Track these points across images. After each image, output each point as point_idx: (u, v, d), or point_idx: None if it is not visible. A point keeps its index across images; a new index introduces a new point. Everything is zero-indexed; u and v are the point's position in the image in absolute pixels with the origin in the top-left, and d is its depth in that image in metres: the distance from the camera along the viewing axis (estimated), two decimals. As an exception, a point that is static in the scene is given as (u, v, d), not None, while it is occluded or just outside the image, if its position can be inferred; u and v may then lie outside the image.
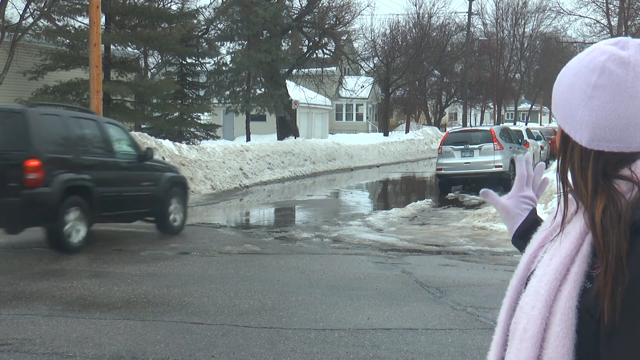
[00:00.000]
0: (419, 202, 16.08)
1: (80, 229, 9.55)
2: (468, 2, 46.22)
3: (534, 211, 1.64)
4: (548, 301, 1.20)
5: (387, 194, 21.62)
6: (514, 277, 1.33)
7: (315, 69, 37.37)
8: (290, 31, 32.90)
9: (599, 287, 1.14)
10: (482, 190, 1.77)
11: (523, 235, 1.53)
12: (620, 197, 1.16)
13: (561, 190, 1.27)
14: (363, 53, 46.95)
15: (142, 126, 26.81)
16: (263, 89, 29.77)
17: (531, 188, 1.69)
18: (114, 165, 10.58)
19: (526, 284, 1.28)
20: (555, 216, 1.30)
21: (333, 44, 35.69)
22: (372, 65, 48.36)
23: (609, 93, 1.17)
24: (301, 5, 34.51)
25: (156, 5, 28.80)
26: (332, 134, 47.15)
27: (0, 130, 9.35)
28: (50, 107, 11.22)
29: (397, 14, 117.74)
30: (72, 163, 9.63)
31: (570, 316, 1.18)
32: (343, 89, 46.41)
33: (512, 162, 19.58)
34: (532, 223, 1.56)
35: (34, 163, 9.07)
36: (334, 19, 35.86)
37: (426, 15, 51.67)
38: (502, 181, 18.23)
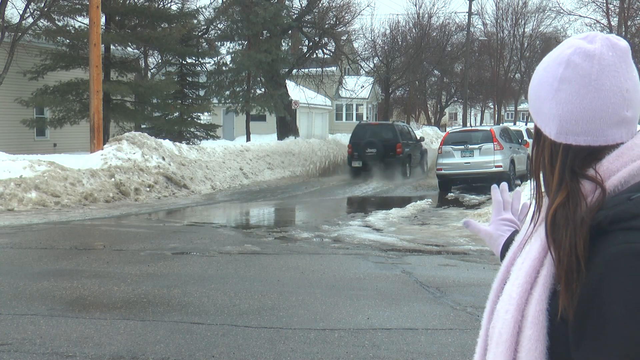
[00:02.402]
0: (419, 202, 16.08)
1: (409, 170, 24.38)
2: (468, 2, 46.23)
3: (517, 232, 1.65)
4: (520, 305, 1.19)
5: (387, 194, 21.60)
6: (495, 280, 1.33)
7: (315, 69, 37.36)
8: (290, 31, 32.88)
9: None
10: (463, 221, 1.80)
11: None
12: (582, 197, 1.15)
13: (534, 190, 1.27)
14: (363, 53, 46.96)
15: (142, 126, 26.79)
16: (263, 89, 29.76)
17: (510, 212, 1.73)
18: (412, 145, 25.18)
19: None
20: (532, 217, 1.30)
21: (333, 44, 35.68)
22: (372, 65, 48.37)
23: (574, 86, 1.18)
24: (301, 5, 34.51)
25: (156, 5, 28.80)
26: (332, 134, 47.12)
27: (385, 132, 24.38)
28: (398, 122, 27.68)
29: (397, 14, 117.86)
30: (405, 144, 24.30)
31: (541, 319, 1.17)
32: (343, 89, 46.40)
33: (512, 162, 19.61)
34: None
35: (399, 145, 23.80)
36: (334, 19, 35.86)
37: (426, 15, 51.72)
38: (501, 181, 18.20)
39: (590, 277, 1.09)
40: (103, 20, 23.26)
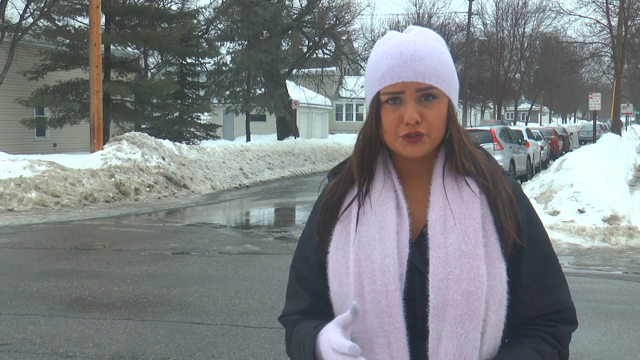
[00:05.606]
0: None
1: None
2: (468, 2, 46.23)
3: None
4: (483, 259, 1.40)
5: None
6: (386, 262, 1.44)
7: (315, 69, 37.37)
8: (290, 31, 32.91)
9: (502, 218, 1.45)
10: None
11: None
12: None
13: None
14: (363, 53, 46.92)
15: (142, 126, 26.78)
16: (263, 89, 29.78)
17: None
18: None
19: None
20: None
21: (333, 44, 35.69)
22: (372, 65, 48.35)
23: None
24: (301, 5, 34.53)
25: (156, 5, 28.80)
26: (332, 134, 47.13)
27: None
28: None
29: (397, 14, 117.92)
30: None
31: (503, 264, 1.43)
32: (343, 89, 46.40)
33: (512, 162, 19.60)
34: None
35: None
36: (334, 19, 35.87)
37: (426, 15, 51.68)
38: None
39: (522, 205, 1.49)
40: (103, 20, 23.26)
